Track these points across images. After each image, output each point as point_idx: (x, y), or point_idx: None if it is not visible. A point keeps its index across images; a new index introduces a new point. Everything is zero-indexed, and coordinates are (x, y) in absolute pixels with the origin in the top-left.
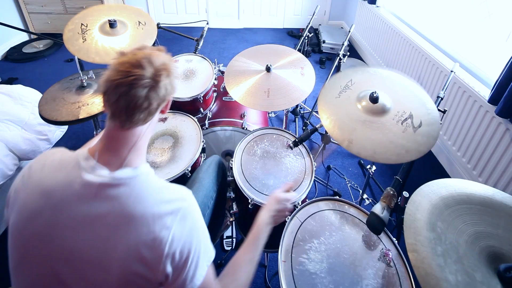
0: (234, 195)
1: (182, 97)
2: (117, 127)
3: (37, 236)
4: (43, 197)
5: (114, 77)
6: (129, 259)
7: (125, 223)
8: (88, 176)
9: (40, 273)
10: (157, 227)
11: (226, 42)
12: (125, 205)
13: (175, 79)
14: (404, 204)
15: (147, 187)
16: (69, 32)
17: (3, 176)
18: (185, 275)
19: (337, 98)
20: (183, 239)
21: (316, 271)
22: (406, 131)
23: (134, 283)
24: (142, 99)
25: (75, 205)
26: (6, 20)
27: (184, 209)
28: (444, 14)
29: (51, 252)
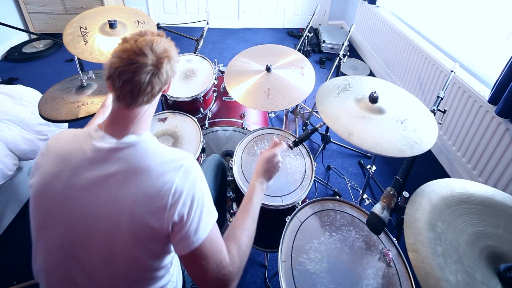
0: (234, 195)
1: (182, 97)
2: (122, 107)
3: (57, 197)
4: (60, 162)
5: (117, 64)
6: (137, 211)
7: (131, 178)
8: (98, 143)
9: (61, 231)
10: (160, 181)
11: (226, 42)
12: (131, 163)
13: (175, 65)
14: (404, 204)
15: (151, 149)
16: (69, 36)
17: (3, 176)
18: (189, 227)
19: (335, 96)
20: (185, 191)
21: (316, 271)
22: (406, 129)
23: (143, 234)
24: (145, 85)
25: (88, 168)
26: (6, 20)
27: (186, 166)
28: (444, 14)
29: (69, 210)
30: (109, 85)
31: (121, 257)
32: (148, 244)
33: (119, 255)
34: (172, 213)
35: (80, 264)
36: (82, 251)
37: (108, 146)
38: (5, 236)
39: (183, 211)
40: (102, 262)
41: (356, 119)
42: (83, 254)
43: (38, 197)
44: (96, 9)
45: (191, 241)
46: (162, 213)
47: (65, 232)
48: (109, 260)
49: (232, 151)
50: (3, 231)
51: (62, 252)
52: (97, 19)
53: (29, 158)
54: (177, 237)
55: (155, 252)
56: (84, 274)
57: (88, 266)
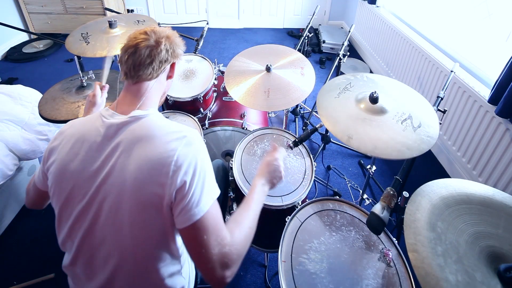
0: (234, 195)
1: (182, 97)
2: (129, 83)
3: (77, 172)
4: (78, 142)
5: (126, 43)
6: (140, 177)
7: (136, 146)
8: (109, 120)
9: (81, 202)
10: (163, 148)
11: (226, 42)
12: (136, 133)
13: (177, 47)
14: (404, 204)
15: (156, 121)
16: (71, 41)
17: (3, 176)
18: (191, 197)
19: (336, 98)
20: (188, 159)
21: (316, 271)
22: (406, 130)
23: (147, 201)
24: (145, 57)
25: (102, 144)
26: (6, 20)
27: (189, 137)
28: (444, 14)
29: (88, 182)
30: (121, 68)
31: (127, 228)
32: (151, 216)
33: (125, 226)
34: (174, 180)
35: (96, 233)
36: (97, 219)
37: (118, 121)
38: (5, 236)
39: (185, 179)
40: (111, 232)
41: (355, 121)
42: (98, 222)
43: (60, 175)
44: (96, 19)
45: (193, 213)
46: (165, 179)
47: (84, 202)
48: (117, 231)
49: (232, 151)
50: (3, 231)
51: (81, 221)
52: (97, 26)
53: (29, 158)
54: (178, 208)
55: (160, 225)
56: (100, 243)
57: (103, 234)
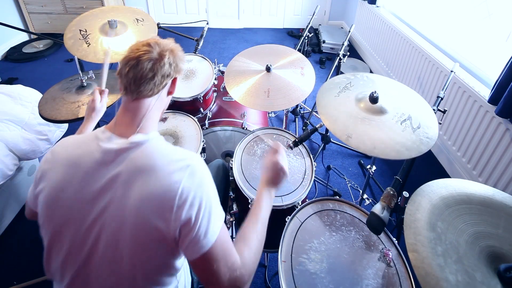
0: (234, 195)
1: (182, 97)
2: (129, 100)
3: (71, 202)
4: (71, 168)
5: (126, 55)
6: (142, 212)
7: (137, 178)
8: (106, 144)
9: (74, 235)
10: (167, 181)
11: (226, 42)
12: (137, 163)
13: (180, 62)
14: (404, 204)
15: (157, 148)
16: (70, 40)
17: (3, 176)
18: (198, 229)
19: (336, 96)
20: (192, 192)
21: (316, 271)
22: (405, 130)
23: (149, 237)
24: (147, 71)
25: (98, 171)
26: (6, 20)
27: (192, 166)
28: (444, 14)
29: (82, 214)
30: (120, 81)
31: (127, 260)
32: (154, 248)
33: (125, 258)
34: (179, 214)
35: (91, 266)
36: (92, 252)
37: (116, 147)
38: (5, 236)
39: (191, 213)
40: (109, 264)
41: (355, 120)
42: (94, 256)
43: (51, 205)
44: (92, 11)
45: (201, 245)
46: (169, 214)
47: (78, 235)
48: (116, 261)
49: (232, 151)
50: (3, 231)
51: (75, 254)
52: (96, 21)
53: (29, 158)
54: (186, 241)
55: (161, 257)
56: (95, 276)
57: (98, 267)
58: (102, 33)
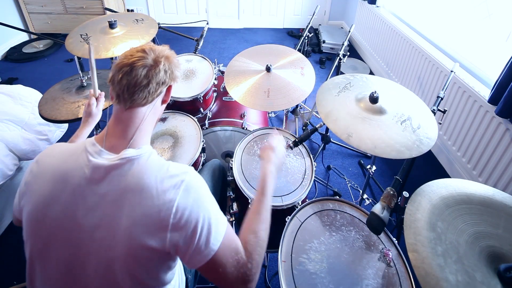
0: (234, 195)
1: (182, 97)
2: (121, 109)
3: (57, 220)
4: (58, 183)
5: (120, 61)
6: (135, 233)
7: (129, 198)
8: (95, 160)
9: (61, 254)
10: (160, 200)
11: (226, 42)
12: (128, 181)
13: (176, 69)
14: (404, 204)
15: (149, 164)
16: (71, 44)
17: (3, 176)
18: (197, 243)
19: (336, 96)
20: (188, 209)
21: (316, 271)
22: (406, 130)
23: (143, 256)
24: (141, 78)
25: (87, 187)
26: (6, 20)
27: (187, 182)
28: (444, 14)
29: (69, 233)
30: (111, 89)
31: (121, 279)
32: (149, 267)
33: (119, 277)
34: (174, 233)
35: (80, 286)
36: (80, 275)
37: (106, 163)
38: (5, 236)
39: (188, 230)
40: (101, 283)
41: (355, 119)
42: (83, 276)
43: (35, 221)
44: (92, 19)
45: (203, 255)
46: (164, 234)
47: (65, 255)
48: (108, 281)
49: (232, 151)
50: (3, 231)
51: (61, 275)
52: (95, 26)
53: (29, 158)
54: (187, 255)
55: (156, 273)
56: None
57: (88, 287)
58: (103, 34)
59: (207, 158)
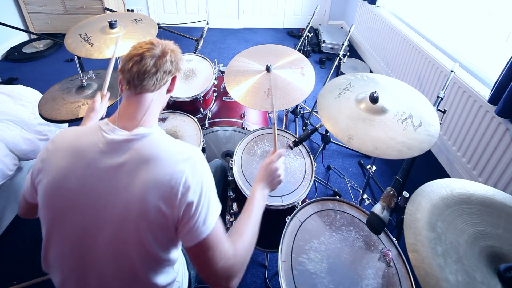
0: (234, 195)
1: (182, 97)
2: (132, 94)
3: (72, 191)
4: (74, 157)
5: (130, 52)
6: (148, 198)
7: (142, 167)
8: (109, 136)
9: (75, 224)
10: (171, 170)
11: (226, 42)
12: (142, 153)
13: (180, 61)
14: (404, 204)
15: (161, 140)
16: (71, 44)
17: (3, 176)
18: (198, 217)
19: (336, 98)
20: (195, 181)
21: (316, 271)
22: (407, 129)
23: (154, 222)
24: (150, 66)
25: (101, 160)
26: (6, 20)
27: (194, 158)
28: (444, 14)
29: (84, 202)
30: (121, 78)
31: (131, 246)
32: (157, 233)
33: (129, 245)
34: (183, 201)
35: (91, 255)
36: (94, 242)
37: (120, 138)
38: (5, 236)
39: (193, 200)
40: (112, 251)
41: (356, 121)
42: (95, 245)
43: (52, 192)
44: (89, 18)
45: (200, 232)
46: (174, 201)
47: (79, 225)
48: (119, 250)
49: (232, 151)
50: (3, 231)
51: (75, 244)
52: (93, 26)
53: (29, 158)
54: (186, 228)
55: (163, 243)
56: (95, 266)
57: (99, 256)
58: (103, 34)
59: (207, 158)
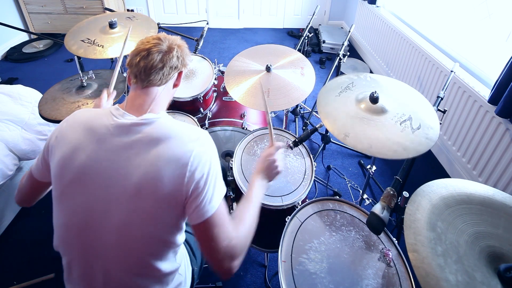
0: (234, 195)
1: (182, 97)
2: (138, 87)
3: (82, 166)
4: (87, 134)
5: (137, 47)
6: (157, 176)
7: (152, 146)
8: (119, 120)
9: (84, 199)
10: (180, 148)
11: (226, 42)
12: (152, 134)
13: (186, 57)
14: (404, 204)
15: (169, 124)
16: (79, 50)
17: (3, 176)
18: (205, 194)
19: (337, 96)
20: (203, 160)
21: (316, 271)
22: (404, 131)
23: (162, 199)
24: (157, 61)
25: (111, 140)
26: (6, 20)
27: (202, 138)
28: (444, 14)
29: (92, 178)
30: (129, 72)
31: (136, 227)
32: (165, 211)
33: (134, 226)
34: (191, 178)
35: (97, 239)
36: (99, 223)
37: (129, 121)
38: (5, 236)
39: (201, 177)
40: (117, 233)
41: (353, 120)
42: (101, 227)
43: (63, 165)
44: (78, 24)
45: (207, 209)
46: (182, 179)
47: (87, 200)
48: (124, 232)
49: (232, 151)
50: (3, 231)
51: (81, 225)
52: (91, 30)
53: (29, 158)
54: (193, 205)
55: (169, 223)
56: (100, 250)
57: (104, 239)
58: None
59: None
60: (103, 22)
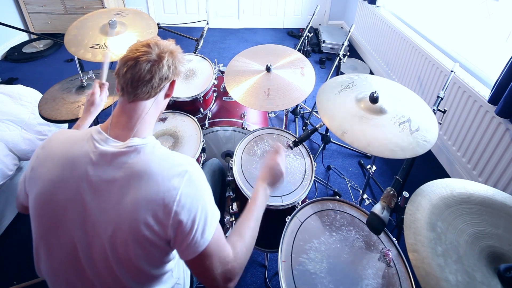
0: (234, 195)
1: (182, 97)
2: (125, 101)
3: (63, 204)
4: (65, 167)
5: (126, 55)
6: (139, 217)
7: (135, 184)
8: (102, 147)
9: (65, 237)
10: (165, 187)
11: (226, 42)
12: (135, 168)
13: (180, 64)
14: (404, 204)
15: (155, 153)
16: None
17: (3, 176)
18: (195, 233)
19: (337, 94)
20: (190, 198)
21: (316, 271)
22: (403, 132)
23: (145, 240)
24: (145, 72)
25: (92, 173)
26: (6, 20)
27: (190, 172)
28: (444, 14)
29: (74, 217)
30: (117, 82)
31: (122, 263)
32: (149, 251)
33: (120, 261)
34: (176, 220)
35: (83, 270)
36: (85, 257)
37: (112, 150)
38: (5, 236)
39: (188, 218)
40: (104, 267)
41: (352, 118)
42: (86, 260)
43: (42, 204)
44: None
45: (198, 245)
46: (167, 220)
47: (70, 238)
48: (110, 266)
49: (232, 151)
50: (3, 231)
51: (65, 261)
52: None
53: (29, 158)
54: (183, 244)
55: (155, 260)
56: (86, 280)
57: (90, 272)
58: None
59: (207, 158)
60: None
